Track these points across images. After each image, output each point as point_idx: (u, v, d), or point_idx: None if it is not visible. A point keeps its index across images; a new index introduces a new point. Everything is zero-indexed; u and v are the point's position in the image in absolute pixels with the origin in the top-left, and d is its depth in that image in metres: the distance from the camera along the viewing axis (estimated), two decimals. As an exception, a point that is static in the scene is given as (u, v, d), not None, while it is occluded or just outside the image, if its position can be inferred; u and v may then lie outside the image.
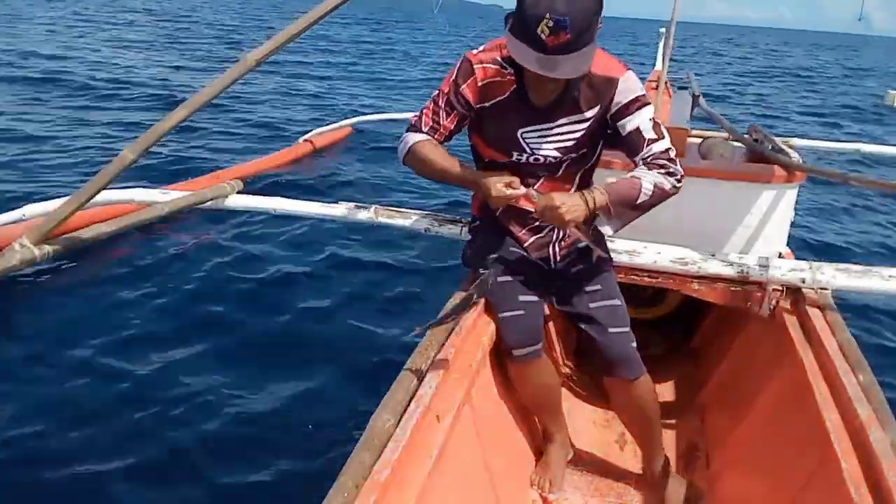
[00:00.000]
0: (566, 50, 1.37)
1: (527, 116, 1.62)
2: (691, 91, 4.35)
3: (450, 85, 1.64)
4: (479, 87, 1.61)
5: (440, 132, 1.68)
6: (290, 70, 12.76)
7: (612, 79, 1.57)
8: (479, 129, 1.71)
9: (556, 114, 1.61)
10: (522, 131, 1.64)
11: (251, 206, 2.47)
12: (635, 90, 1.58)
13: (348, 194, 5.10)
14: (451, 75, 1.64)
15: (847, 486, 1.22)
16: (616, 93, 1.57)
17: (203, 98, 2.22)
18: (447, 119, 1.66)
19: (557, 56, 1.37)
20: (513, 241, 1.81)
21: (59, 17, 19.90)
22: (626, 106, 1.58)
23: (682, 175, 1.62)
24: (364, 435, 1.24)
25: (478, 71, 1.60)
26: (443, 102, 1.65)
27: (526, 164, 1.68)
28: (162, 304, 3.24)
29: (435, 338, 1.61)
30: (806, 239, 4.88)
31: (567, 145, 1.65)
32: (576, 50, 1.38)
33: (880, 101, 15.07)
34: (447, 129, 1.68)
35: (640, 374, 1.72)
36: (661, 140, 1.60)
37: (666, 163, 1.59)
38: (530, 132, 1.64)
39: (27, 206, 2.69)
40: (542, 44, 1.36)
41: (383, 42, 24.11)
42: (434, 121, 1.68)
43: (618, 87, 1.57)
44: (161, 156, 5.62)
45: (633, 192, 1.56)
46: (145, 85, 9.49)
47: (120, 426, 2.33)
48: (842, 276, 1.93)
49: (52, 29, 15.90)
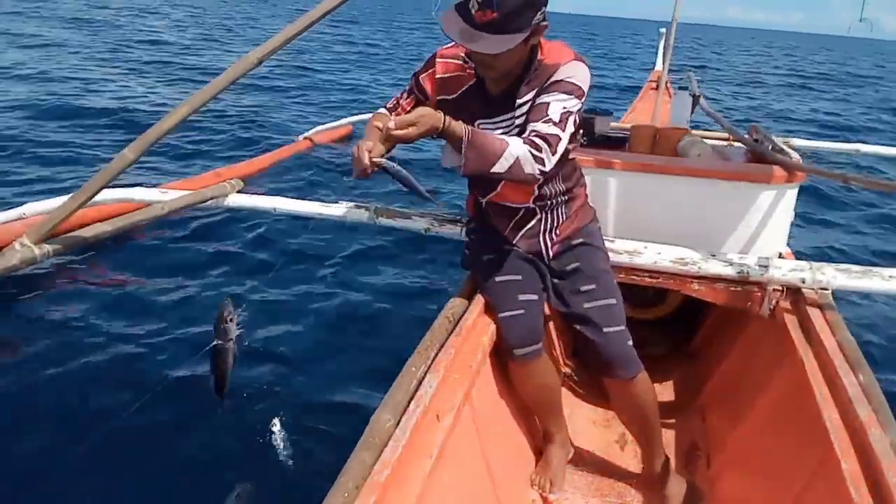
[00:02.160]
0: (491, 28, 1.41)
1: (484, 108, 1.66)
2: (691, 91, 4.36)
3: (415, 72, 1.77)
4: (438, 79, 1.71)
5: (397, 111, 1.77)
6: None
7: (557, 64, 1.56)
8: None
9: (508, 104, 1.63)
10: (480, 122, 1.66)
11: (251, 205, 2.46)
12: (571, 77, 1.54)
13: (348, 194, 5.11)
14: (418, 69, 1.77)
15: (847, 486, 1.22)
16: (554, 74, 1.56)
17: (204, 96, 2.22)
18: (405, 100, 1.78)
19: (481, 32, 1.42)
20: (505, 240, 1.82)
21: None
22: (556, 83, 1.55)
23: (546, 170, 1.52)
24: (364, 435, 1.24)
25: (438, 65, 1.71)
26: (408, 86, 1.79)
27: None
28: (162, 305, 3.24)
29: (435, 338, 1.62)
30: (806, 239, 4.88)
31: (516, 133, 1.63)
32: (501, 32, 1.42)
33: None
34: (404, 109, 1.77)
35: (638, 372, 1.72)
36: (556, 126, 1.51)
37: (542, 145, 1.50)
38: (487, 123, 1.67)
39: (27, 205, 2.69)
40: (472, 18, 1.42)
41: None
42: (397, 101, 1.80)
43: (558, 70, 1.56)
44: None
45: (495, 151, 1.48)
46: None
47: (120, 426, 2.32)
48: (842, 276, 1.93)
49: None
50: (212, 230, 4.21)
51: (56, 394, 2.48)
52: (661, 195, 2.21)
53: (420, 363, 1.50)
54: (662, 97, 3.66)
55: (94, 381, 2.57)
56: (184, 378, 2.62)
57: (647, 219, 2.23)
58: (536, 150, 1.49)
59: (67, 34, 14.45)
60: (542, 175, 1.52)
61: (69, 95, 7.96)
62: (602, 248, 1.89)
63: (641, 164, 2.23)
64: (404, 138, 1.49)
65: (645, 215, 2.22)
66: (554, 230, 1.82)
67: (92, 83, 9.03)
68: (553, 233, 1.82)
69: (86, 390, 2.52)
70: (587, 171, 2.07)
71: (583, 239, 1.84)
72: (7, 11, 17.53)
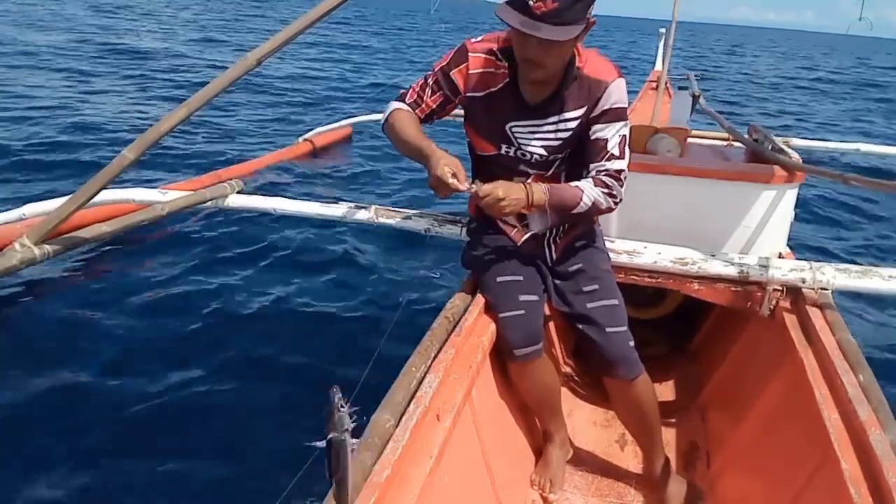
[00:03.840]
0: (550, 19, 1.39)
1: (517, 111, 1.64)
2: (691, 91, 4.36)
3: (442, 66, 1.67)
4: (470, 75, 1.64)
5: (422, 108, 1.70)
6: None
7: (603, 82, 1.58)
8: (470, 118, 1.74)
9: (545, 111, 1.63)
10: (511, 125, 1.65)
11: (251, 206, 2.47)
12: (621, 100, 1.59)
13: (348, 194, 5.11)
14: (446, 58, 1.68)
15: (847, 486, 1.22)
16: (603, 96, 1.58)
17: (203, 97, 2.23)
18: (431, 97, 1.69)
19: (541, 23, 1.40)
20: (509, 241, 1.82)
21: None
22: (606, 112, 1.59)
23: (621, 199, 1.65)
24: (364, 435, 1.24)
25: (471, 59, 1.63)
26: (431, 80, 1.69)
27: (514, 158, 1.70)
28: (161, 304, 3.24)
29: (435, 338, 1.61)
30: (805, 239, 4.88)
31: (554, 144, 1.66)
32: (561, 23, 1.40)
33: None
34: (429, 106, 1.70)
35: (639, 373, 1.72)
36: (619, 160, 1.62)
37: (613, 183, 1.62)
38: (519, 127, 1.66)
39: (27, 206, 2.69)
40: (529, 9, 1.39)
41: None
42: (419, 95, 1.70)
43: (606, 91, 1.58)
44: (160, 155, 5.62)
45: (573, 202, 1.61)
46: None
47: (119, 426, 2.33)
48: (842, 276, 1.93)
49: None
50: (211, 231, 4.21)
51: (56, 393, 2.48)
52: (660, 195, 2.21)
53: (420, 363, 1.50)
54: (662, 97, 3.66)
55: (94, 381, 2.57)
56: (183, 378, 2.62)
57: (646, 219, 2.23)
58: (608, 188, 1.61)
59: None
60: (616, 206, 1.65)
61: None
62: (604, 249, 1.89)
63: (641, 164, 2.23)
64: (488, 209, 1.57)
65: (645, 215, 2.22)
66: (559, 235, 1.82)
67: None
68: (558, 237, 1.83)
69: (85, 390, 2.51)
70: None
71: (585, 240, 1.84)
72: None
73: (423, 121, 1.72)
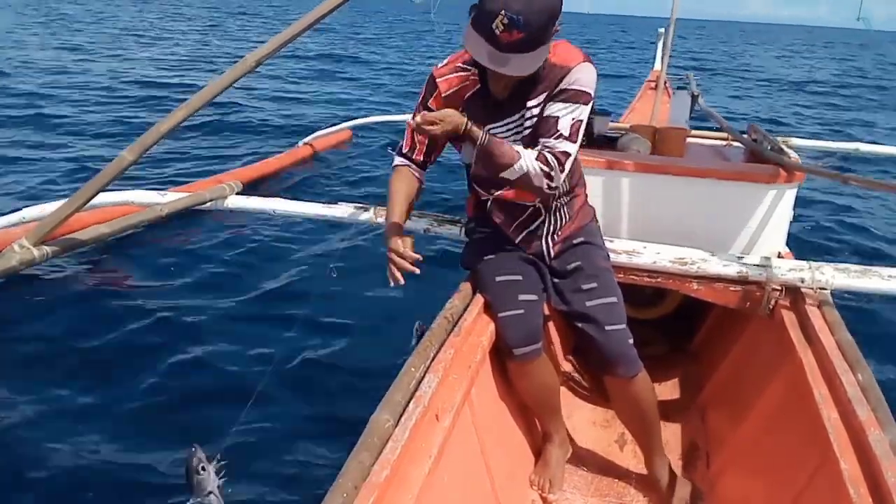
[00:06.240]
0: (517, 48, 1.41)
1: (491, 112, 1.65)
2: (690, 91, 4.37)
3: (419, 102, 1.73)
4: (445, 98, 1.68)
5: (418, 150, 1.77)
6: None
7: (566, 66, 1.56)
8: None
9: (515, 105, 1.63)
10: (489, 127, 1.65)
11: (250, 207, 2.47)
12: (582, 84, 1.56)
13: (348, 196, 5.10)
14: (421, 93, 1.72)
15: (846, 486, 1.22)
16: (566, 77, 1.56)
17: (202, 99, 2.22)
18: (420, 136, 1.74)
19: (509, 54, 1.42)
20: (507, 240, 1.82)
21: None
22: (564, 91, 1.56)
23: (556, 187, 1.60)
24: (363, 435, 1.24)
25: (441, 84, 1.69)
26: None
27: None
28: (162, 304, 3.24)
29: (434, 338, 1.61)
30: (805, 239, 4.87)
31: (526, 135, 1.65)
32: (528, 50, 1.42)
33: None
34: (423, 144, 1.76)
35: (638, 371, 1.71)
36: (568, 142, 1.56)
37: (553, 164, 1.56)
38: (497, 128, 1.66)
39: (26, 209, 2.70)
40: (496, 39, 1.41)
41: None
42: (411, 139, 1.77)
43: (569, 73, 1.56)
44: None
45: (505, 160, 1.56)
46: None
47: (119, 427, 2.33)
48: (841, 276, 1.93)
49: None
50: (210, 232, 4.21)
51: (56, 393, 2.48)
52: (660, 195, 2.21)
53: (419, 363, 1.50)
54: (661, 97, 3.66)
55: (93, 382, 2.57)
56: (183, 378, 2.62)
57: (646, 218, 2.23)
58: (547, 166, 1.56)
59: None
60: (551, 190, 1.59)
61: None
62: (602, 247, 1.89)
63: (640, 165, 2.23)
64: (430, 134, 1.56)
65: (644, 215, 2.22)
66: (557, 231, 1.82)
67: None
68: (556, 234, 1.82)
69: (85, 390, 2.51)
70: (587, 171, 2.07)
71: (583, 238, 1.84)
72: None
73: (424, 161, 1.78)
